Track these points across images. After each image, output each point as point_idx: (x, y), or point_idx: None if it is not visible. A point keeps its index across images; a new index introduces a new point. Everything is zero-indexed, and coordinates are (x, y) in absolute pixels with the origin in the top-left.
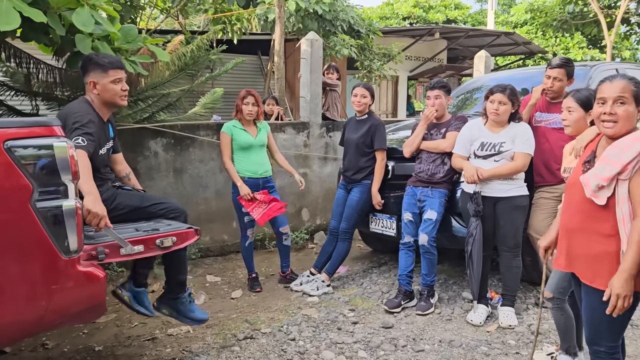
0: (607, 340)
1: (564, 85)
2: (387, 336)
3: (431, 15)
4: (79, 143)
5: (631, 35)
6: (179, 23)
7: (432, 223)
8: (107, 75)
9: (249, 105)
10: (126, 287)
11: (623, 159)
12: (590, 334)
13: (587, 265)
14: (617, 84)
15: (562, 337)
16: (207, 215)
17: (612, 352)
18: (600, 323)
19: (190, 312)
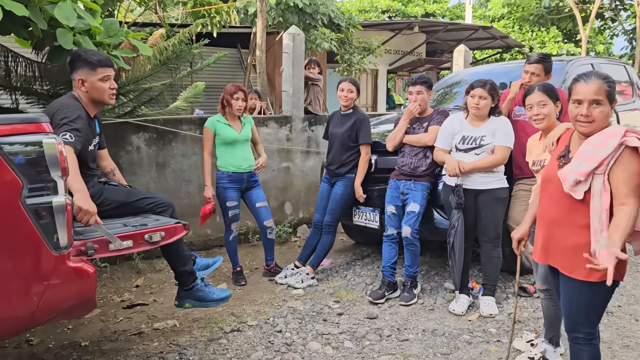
0: (585, 327)
1: (542, 80)
2: (372, 326)
3: (410, 9)
4: (67, 139)
5: (605, 30)
6: (158, 16)
7: (414, 215)
8: (95, 73)
9: (238, 100)
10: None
11: (599, 155)
12: (569, 322)
13: (566, 256)
14: (592, 86)
15: (548, 327)
16: (190, 210)
17: (590, 338)
18: (578, 312)
19: (211, 295)
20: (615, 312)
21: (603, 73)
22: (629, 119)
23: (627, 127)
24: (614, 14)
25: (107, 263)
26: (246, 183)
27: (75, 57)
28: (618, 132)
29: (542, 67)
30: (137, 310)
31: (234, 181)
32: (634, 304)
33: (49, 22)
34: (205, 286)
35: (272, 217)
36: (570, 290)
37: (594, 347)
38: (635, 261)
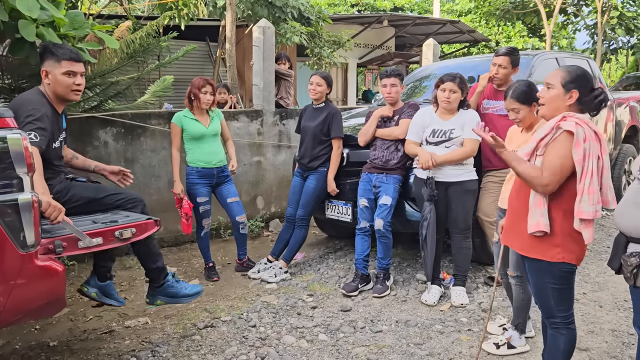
0: (559, 312)
1: (509, 72)
2: (345, 319)
3: (379, 3)
4: (32, 139)
5: (568, 25)
6: (123, 8)
7: (387, 208)
8: (59, 66)
9: (207, 94)
10: (91, 284)
11: (537, 137)
12: (543, 307)
13: (522, 237)
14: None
15: (515, 313)
16: (160, 206)
17: (567, 322)
18: (549, 298)
19: (182, 290)
20: (580, 299)
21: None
22: None
23: (568, 113)
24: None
25: (75, 261)
26: (216, 178)
27: (44, 48)
28: (560, 117)
29: (509, 59)
30: (107, 309)
31: (204, 177)
32: (598, 291)
33: (10, 14)
34: (177, 282)
35: (245, 212)
36: (536, 277)
37: (571, 331)
38: (599, 249)
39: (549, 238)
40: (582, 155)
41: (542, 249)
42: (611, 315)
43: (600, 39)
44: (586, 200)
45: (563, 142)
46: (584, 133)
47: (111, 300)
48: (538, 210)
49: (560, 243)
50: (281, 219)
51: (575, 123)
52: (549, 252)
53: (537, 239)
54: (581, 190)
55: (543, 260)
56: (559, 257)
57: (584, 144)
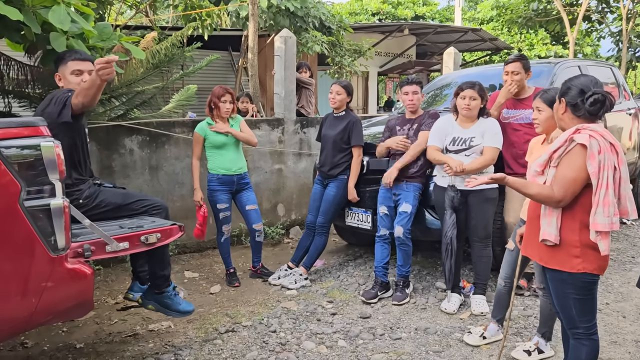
0: (581, 322)
1: (523, 77)
2: (365, 326)
3: (400, 12)
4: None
5: (592, 32)
6: (149, 19)
7: (407, 216)
8: (67, 67)
9: (226, 103)
10: (134, 289)
11: (551, 148)
12: (565, 318)
13: (541, 248)
14: None
15: (542, 322)
16: (183, 212)
17: (590, 333)
18: (570, 308)
19: (176, 305)
20: (603, 310)
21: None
22: (615, 120)
23: (582, 125)
24: (600, 17)
25: (101, 265)
26: (236, 185)
27: (56, 57)
28: (573, 129)
29: (520, 64)
30: (131, 312)
31: (224, 184)
32: (621, 301)
33: (42, 26)
34: (175, 295)
35: (262, 220)
36: (557, 288)
37: (594, 342)
38: (623, 259)
39: (567, 249)
40: (597, 167)
41: (561, 260)
42: (635, 326)
43: (625, 47)
44: (601, 212)
45: (576, 155)
46: (598, 145)
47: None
48: (546, 219)
49: (580, 254)
50: (301, 226)
51: (589, 135)
52: (569, 263)
53: (555, 249)
54: (596, 202)
55: (564, 271)
56: (579, 268)
57: (599, 156)
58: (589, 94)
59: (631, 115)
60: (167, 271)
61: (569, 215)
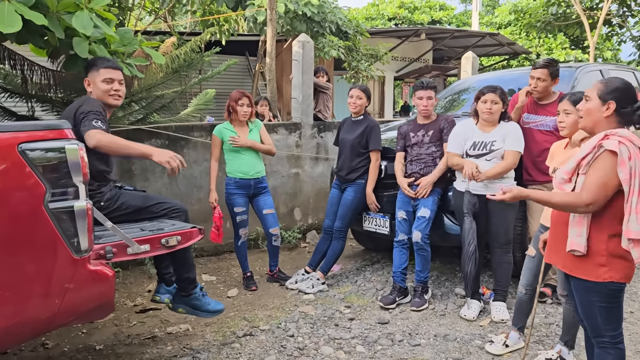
0: (607, 331)
1: (548, 85)
2: (383, 331)
3: (416, 16)
4: (100, 125)
5: (613, 36)
6: (168, 24)
7: (425, 220)
8: (98, 74)
9: (243, 106)
10: (160, 291)
11: (579, 155)
12: (590, 327)
13: (566, 256)
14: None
15: (565, 330)
16: (201, 216)
17: (616, 341)
18: (595, 317)
19: (206, 306)
20: (627, 318)
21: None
22: None
23: (610, 131)
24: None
25: (120, 268)
26: (254, 189)
27: (88, 63)
28: (602, 135)
29: (547, 71)
30: (150, 315)
31: (241, 187)
32: None
33: (65, 31)
34: (203, 296)
35: (279, 224)
36: (582, 296)
37: (620, 351)
38: None
39: (594, 258)
40: (628, 173)
41: (586, 269)
42: None
43: None
44: (634, 219)
45: (606, 160)
46: (628, 151)
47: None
48: (575, 229)
49: (606, 262)
50: (318, 231)
51: (619, 142)
52: (594, 272)
53: (581, 259)
54: (629, 210)
55: (587, 281)
56: (605, 277)
57: (630, 162)
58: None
59: None
60: (192, 273)
61: (597, 225)
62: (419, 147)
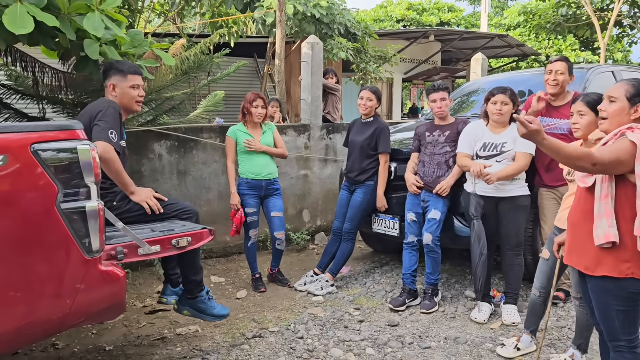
0: (624, 335)
1: (567, 79)
2: (393, 334)
3: (425, 18)
4: (113, 138)
5: (623, 38)
6: (177, 27)
7: (436, 223)
8: (126, 80)
9: (258, 108)
10: (167, 293)
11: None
12: (607, 330)
13: (588, 256)
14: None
15: (578, 333)
16: (210, 217)
17: (632, 346)
18: (613, 320)
19: (211, 310)
20: None
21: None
22: None
23: (637, 125)
24: (633, 22)
25: (129, 269)
26: (265, 190)
27: (109, 66)
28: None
29: (565, 65)
30: (160, 316)
31: (253, 188)
32: None
33: (77, 33)
34: (209, 300)
35: (289, 226)
36: (596, 293)
37: (637, 355)
38: None
39: (617, 253)
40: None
41: (610, 265)
42: None
43: None
44: None
45: (626, 145)
46: None
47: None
48: (606, 220)
49: (630, 258)
50: (327, 233)
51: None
52: (618, 268)
53: (605, 254)
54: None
55: (609, 279)
56: (628, 273)
57: None
58: None
59: None
60: (200, 276)
61: (622, 216)
62: (433, 147)
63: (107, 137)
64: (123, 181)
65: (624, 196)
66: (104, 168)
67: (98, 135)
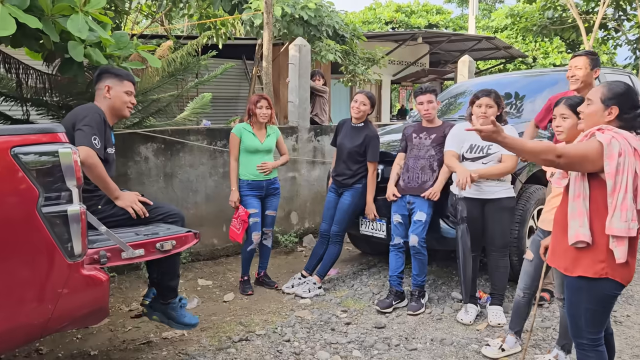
0: (588, 333)
1: (588, 73)
2: (380, 336)
3: (413, 20)
4: (96, 144)
5: (608, 40)
6: (164, 28)
7: (421, 224)
8: (122, 85)
9: (262, 108)
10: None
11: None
12: (573, 327)
13: (566, 257)
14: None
15: (562, 334)
16: (197, 220)
17: (594, 345)
18: (580, 317)
19: (181, 317)
20: (624, 322)
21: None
22: None
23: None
24: (617, 24)
25: (115, 273)
26: (266, 190)
27: (105, 70)
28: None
29: (586, 60)
30: (145, 320)
31: (254, 189)
32: None
33: (60, 35)
34: (180, 308)
35: (276, 228)
36: (570, 289)
37: (600, 353)
38: None
39: (593, 253)
40: (614, 168)
41: (585, 266)
42: None
43: None
44: (618, 216)
45: (594, 144)
46: (620, 147)
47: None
48: (576, 220)
49: (605, 258)
50: (315, 234)
51: (612, 137)
52: (593, 268)
53: (581, 255)
54: (613, 206)
55: (584, 279)
56: (602, 273)
57: (619, 159)
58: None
59: None
60: (175, 282)
61: (596, 216)
62: (418, 150)
63: (90, 142)
64: (107, 186)
65: (599, 196)
66: (87, 173)
67: (81, 140)
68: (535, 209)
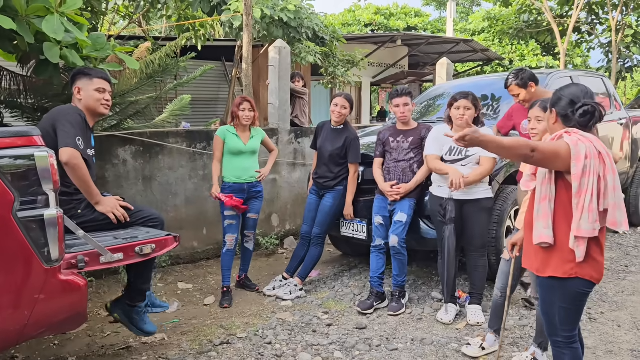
0: (563, 331)
1: (528, 97)
2: (361, 337)
3: (392, 23)
4: (80, 144)
5: (582, 43)
6: (142, 29)
7: (402, 225)
8: (92, 83)
9: (245, 111)
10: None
11: None
12: (547, 325)
13: (538, 257)
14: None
15: (539, 332)
16: (177, 223)
17: (569, 342)
18: (554, 316)
19: (141, 323)
20: (598, 319)
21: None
22: (607, 130)
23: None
24: (590, 28)
25: (93, 277)
26: (247, 193)
27: (77, 71)
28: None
29: (516, 85)
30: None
31: (235, 191)
32: (616, 311)
33: (36, 36)
34: (144, 314)
35: (259, 229)
36: (545, 294)
37: (575, 350)
38: (617, 268)
39: (560, 253)
40: (580, 170)
41: (555, 266)
42: (630, 335)
43: (615, 57)
44: (586, 218)
45: (563, 145)
46: (586, 150)
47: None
48: (541, 222)
49: (573, 258)
50: (296, 237)
51: (578, 139)
52: (562, 268)
53: (550, 255)
54: (581, 208)
55: (555, 279)
56: (572, 273)
57: (585, 161)
58: (579, 104)
59: (622, 125)
60: (147, 286)
61: (563, 217)
62: (398, 153)
63: (73, 143)
64: (89, 189)
65: (565, 198)
66: (70, 174)
67: (65, 141)
68: (512, 209)
